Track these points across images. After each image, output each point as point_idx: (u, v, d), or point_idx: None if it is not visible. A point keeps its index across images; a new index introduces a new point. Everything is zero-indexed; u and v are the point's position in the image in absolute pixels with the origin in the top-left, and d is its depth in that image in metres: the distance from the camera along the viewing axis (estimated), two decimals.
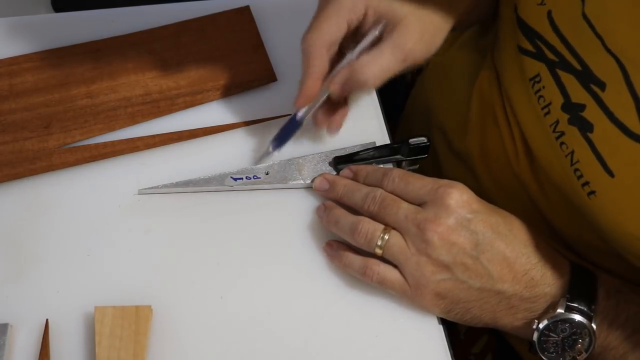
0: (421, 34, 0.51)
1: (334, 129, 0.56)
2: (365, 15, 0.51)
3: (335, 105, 0.55)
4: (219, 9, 0.65)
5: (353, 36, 0.53)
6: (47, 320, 0.49)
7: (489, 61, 0.62)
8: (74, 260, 0.52)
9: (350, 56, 0.52)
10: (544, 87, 0.51)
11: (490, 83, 0.61)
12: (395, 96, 0.53)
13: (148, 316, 0.47)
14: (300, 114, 0.54)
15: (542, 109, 0.52)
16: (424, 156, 0.56)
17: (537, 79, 0.52)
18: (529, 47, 0.52)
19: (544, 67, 0.51)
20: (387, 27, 0.51)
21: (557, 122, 0.50)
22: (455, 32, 0.60)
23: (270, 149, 0.55)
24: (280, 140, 0.55)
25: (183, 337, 0.49)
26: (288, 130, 0.55)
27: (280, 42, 0.64)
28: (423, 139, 0.55)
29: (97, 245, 0.53)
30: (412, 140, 0.55)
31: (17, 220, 0.53)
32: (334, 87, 0.52)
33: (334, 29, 0.51)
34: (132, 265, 0.52)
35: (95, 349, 0.46)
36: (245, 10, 0.66)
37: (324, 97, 0.53)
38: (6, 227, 0.53)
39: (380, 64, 0.50)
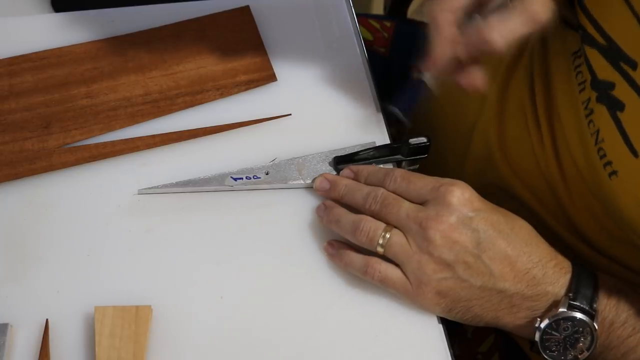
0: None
1: (482, 85, 0.53)
2: None
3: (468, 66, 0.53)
4: (219, 9, 0.66)
5: (481, 5, 0.52)
6: (47, 320, 0.49)
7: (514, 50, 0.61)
8: (74, 260, 0.52)
9: (478, 19, 0.51)
10: (582, 63, 0.50)
11: (519, 67, 0.61)
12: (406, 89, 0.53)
13: (148, 316, 0.47)
14: (427, 78, 0.53)
15: (579, 84, 0.51)
16: (424, 156, 0.56)
17: (578, 54, 0.51)
18: (573, 19, 0.52)
19: (580, 42, 0.50)
20: None
21: (589, 99, 0.50)
22: None
23: (396, 110, 0.54)
24: (406, 103, 0.54)
25: (183, 337, 0.49)
26: (415, 94, 0.54)
27: (280, 42, 0.64)
28: (423, 139, 0.55)
29: (97, 245, 0.53)
30: (412, 140, 0.55)
31: (17, 220, 0.53)
32: (461, 48, 0.50)
33: None
34: (132, 265, 0.52)
35: (95, 349, 0.46)
36: (245, 10, 0.66)
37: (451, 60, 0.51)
38: (6, 227, 0.53)
39: (507, 25, 0.49)
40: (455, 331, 0.50)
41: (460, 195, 0.48)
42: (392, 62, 0.82)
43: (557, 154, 0.56)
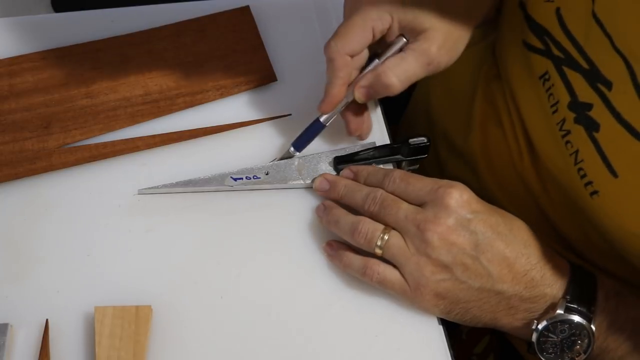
0: (444, 41, 0.52)
1: (366, 134, 0.57)
2: (390, 25, 0.52)
3: (359, 110, 0.56)
4: (219, 9, 0.65)
5: (380, 45, 0.54)
6: (47, 320, 0.49)
7: (492, 59, 0.62)
8: (74, 260, 0.52)
9: (377, 62, 0.54)
10: (553, 85, 0.51)
11: (494, 81, 0.61)
12: (397, 96, 0.54)
13: (148, 316, 0.47)
14: (323, 118, 0.55)
15: (551, 106, 0.52)
16: (424, 156, 0.56)
17: (546, 77, 0.52)
18: (538, 44, 0.52)
19: (551, 64, 0.51)
20: (412, 36, 0.53)
21: (564, 120, 0.50)
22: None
23: (292, 149, 0.56)
24: (302, 142, 0.56)
25: (183, 337, 0.49)
26: (311, 133, 0.56)
27: (280, 42, 0.64)
28: (423, 139, 0.55)
29: (97, 245, 0.53)
30: (412, 140, 0.55)
31: (17, 220, 0.53)
32: (359, 92, 0.53)
33: (358, 37, 0.52)
34: (132, 265, 0.52)
35: (95, 349, 0.46)
36: (245, 10, 0.66)
37: (348, 101, 0.54)
38: (6, 227, 0.53)
39: (404, 69, 0.52)
40: (450, 332, 0.50)
41: (459, 197, 0.48)
42: None
43: (537, 170, 0.57)
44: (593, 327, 0.46)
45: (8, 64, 0.61)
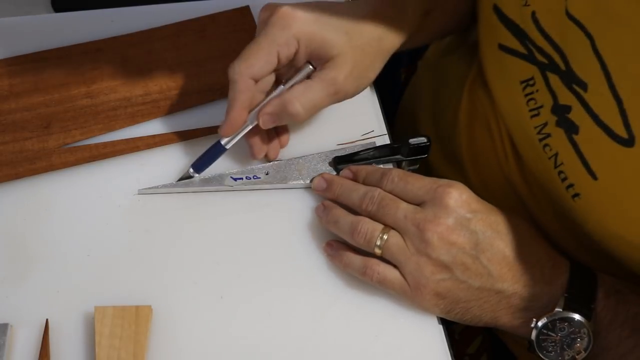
0: (352, 69, 0.52)
1: (272, 157, 0.56)
2: (297, 50, 0.52)
3: (265, 134, 0.56)
4: (219, 9, 0.66)
5: (288, 68, 0.54)
6: (47, 320, 0.49)
7: (477, 62, 0.62)
8: (74, 260, 0.52)
9: (282, 88, 0.53)
10: (537, 90, 0.51)
11: (479, 84, 0.61)
12: (389, 96, 0.54)
13: (148, 316, 0.47)
14: (224, 141, 0.54)
15: (530, 110, 0.52)
16: (423, 156, 0.56)
17: (530, 82, 0.52)
18: (519, 48, 0.52)
19: (537, 70, 0.51)
20: (320, 62, 0.52)
21: (545, 124, 0.50)
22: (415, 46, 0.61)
23: (191, 171, 0.55)
24: (203, 164, 0.55)
25: (183, 337, 0.49)
26: (211, 155, 0.55)
27: None
28: (423, 139, 0.55)
29: (97, 245, 0.53)
30: (412, 141, 0.55)
31: (17, 220, 0.53)
32: (263, 118, 0.52)
33: (262, 62, 0.51)
34: (132, 265, 0.52)
35: (95, 349, 0.46)
36: (245, 10, 0.66)
37: (252, 125, 0.53)
38: (6, 227, 0.53)
39: (310, 97, 0.51)
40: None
41: (458, 197, 0.48)
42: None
43: (522, 172, 0.57)
44: (593, 325, 0.46)
45: (8, 64, 0.61)
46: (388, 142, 0.59)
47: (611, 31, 0.43)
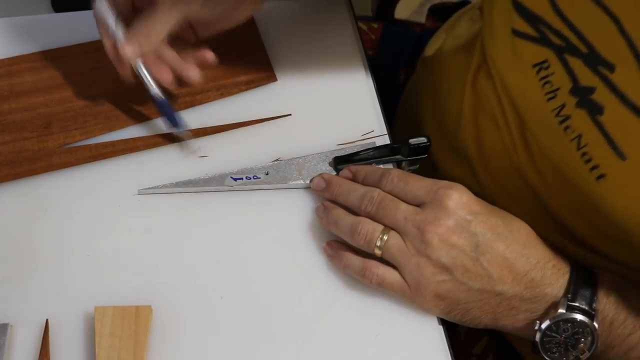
0: None
1: (192, 78, 0.57)
2: None
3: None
4: None
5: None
6: (47, 320, 0.49)
7: (480, 51, 0.62)
8: (74, 260, 0.52)
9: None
10: (553, 73, 0.51)
11: (483, 73, 0.61)
12: (389, 96, 0.53)
13: (148, 316, 0.47)
14: (153, 92, 0.55)
15: (547, 94, 0.51)
16: (424, 156, 0.56)
17: (544, 65, 0.51)
18: (531, 32, 0.52)
19: (551, 52, 0.50)
20: None
21: (563, 106, 0.50)
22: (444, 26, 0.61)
23: (176, 131, 0.57)
24: (173, 120, 0.56)
25: (183, 337, 0.49)
26: (165, 110, 0.56)
27: (280, 42, 0.64)
28: (423, 139, 0.55)
29: (97, 245, 0.53)
30: (412, 141, 0.55)
31: (17, 220, 0.53)
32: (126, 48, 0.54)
33: None
34: (132, 265, 0.52)
35: (95, 349, 0.46)
36: None
37: (139, 59, 0.55)
38: (6, 227, 0.53)
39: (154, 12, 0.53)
40: (448, 333, 0.50)
41: (458, 199, 0.48)
42: (380, 64, 0.82)
43: (534, 160, 0.56)
44: (596, 325, 0.46)
45: (8, 64, 0.61)
46: (388, 142, 0.59)
47: (639, 9, 0.43)
